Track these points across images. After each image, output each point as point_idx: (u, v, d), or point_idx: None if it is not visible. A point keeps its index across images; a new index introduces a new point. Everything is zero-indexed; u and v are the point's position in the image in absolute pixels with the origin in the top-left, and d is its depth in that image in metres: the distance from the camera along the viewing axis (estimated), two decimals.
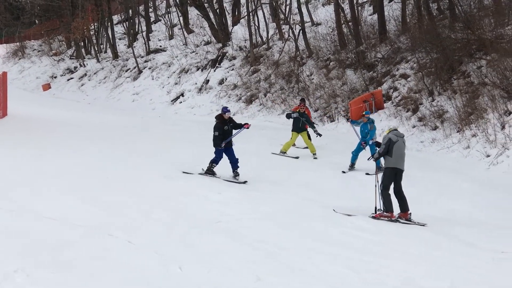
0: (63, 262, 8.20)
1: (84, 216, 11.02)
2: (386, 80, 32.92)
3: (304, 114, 23.71)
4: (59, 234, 9.53)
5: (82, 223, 10.38)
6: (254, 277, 8.88)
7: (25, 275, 7.69)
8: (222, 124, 18.30)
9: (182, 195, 14.87)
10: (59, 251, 8.62)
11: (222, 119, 18.47)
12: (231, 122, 18.62)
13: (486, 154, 23.75)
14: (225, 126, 18.30)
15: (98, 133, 24.82)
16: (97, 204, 12.24)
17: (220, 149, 18.12)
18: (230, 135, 18.40)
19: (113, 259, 8.69)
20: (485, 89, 27.05)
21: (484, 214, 16.97)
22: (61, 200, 12.17)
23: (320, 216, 14.69)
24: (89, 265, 8.25)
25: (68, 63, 53.69)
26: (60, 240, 9.17)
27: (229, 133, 18.37)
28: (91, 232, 9.93)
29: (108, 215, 11.44)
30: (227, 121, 18.47)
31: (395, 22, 36.79)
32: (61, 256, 8.43)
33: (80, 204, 12.01)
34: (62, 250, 8.70)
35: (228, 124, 18.44)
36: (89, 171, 16.35)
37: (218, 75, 42.06)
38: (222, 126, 18.23)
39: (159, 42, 50.94)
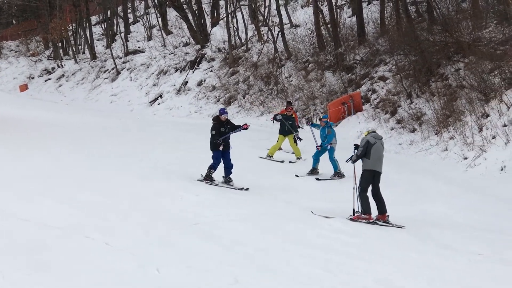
0: (40, 264, 8.12)
1: (60, 217, 10.93)
2: (364, 82, 33.02)
3: (291, 118, 23.53)
4: (35, 236, 9.45)
5: (58, 225, 10.30)
6: (232, 279, 8.85)
7: (1, 277, 7.61)
8: (219, 125, 18.21)
9: (159, 197, 14.80)
10: (35, 253, 8.55)
11: (219, 120, 18.37)
12: (228, 124, 18.49)
13: (464, 156, 23.86)
14: (222, 128, 18.15)
15: (75, 134, 24.68)
16: (74, 206, 12.16)
17: (218, 152, 17.98)
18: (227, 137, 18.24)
19: (90, 261, 8.63)
20: (463, 91, 27.21)
21: (461, 216, 17.03)
22: (37, 202, 12.08)
23: (298, 218, 14.67)
24: (66, 266, 8.18)
25: (46, 64, 53.40)
26: (36, 242, 9.09)
27: (225, 133, 18.19)
28: (68, 233, 9.86)
29: (85, 217, 11.37)
30: (224, 123, 18.33)
31: (373, 24, 36.95)
32: (37, 258, 8.36)
33: (57, 206, 11.92)
34: (38, 251, 8.63)
35: (225, 126, 18.31)
36: (66, 172, 16.24)
37: (197, 76, 42.03)
38: (219, 127, 18.13)
39: (137, 43, 50.83)
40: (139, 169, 18.11)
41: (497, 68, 26.69)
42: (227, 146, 18.26)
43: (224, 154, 18.17)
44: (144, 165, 19.12)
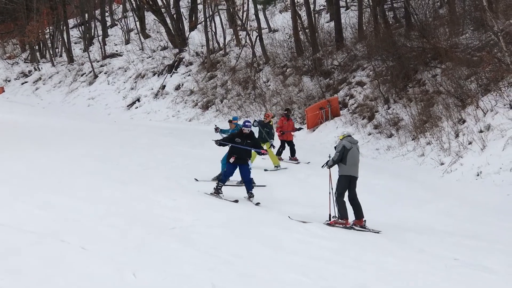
0: (13, 269, 8.05)
1: (35, 221, 10.85)
2: (342, 87, 33.13)
3: (268, 125, 23.40)
4: (9, 240, 9.37)
5: (33, 229, 10.22)
6: (209, 284, 8.82)
7: None
8: (237, 136, 17.20)
9: (136, 201, 14.72)
10: (9, 258, 8.47)
11: (241, 132, 17.23)
12: (249, 139, 17.19)
13: (440, 162, 24.00)
14: (237, 139, 17.02)
15: (51, 138, 24.57)
16: (49, 210, 12.08)
17: (230, 165, 16.95)
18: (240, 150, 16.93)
19: (65, 265, 8.56)
20: (440, 97, 27.38)
21: (437, 221, 17.10)
22: (11, 206, 11.98)
23: (275, 223, 14.66)
24: (40, 271, 8.11)
25: (23, 67, 53.12)
26: (10, 246, 9.01)
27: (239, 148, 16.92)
28: (43, 238, 9.78)
29: (61, 221, 11.29)
30: (244, 136, 17.11)
31: (351, 29, 37.09)
32: (11, 262, 8.28)
33: (31, 209, 11.83)
34: (11, 256, 8.55)
35: (244, 140, 17.06)
36: (41, 176, 16.14)
37: (175, 80, 42.01)
38: (234, 137, 17.15)
39: (115, 46, 50.70)
40: (115, 173, 18.03)
41: (473, 74, 26.88)
42: (243, 159, 17.03)
43: (240, 168, 17.09)
44: (121, 169, 19.04)
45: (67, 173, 17.25)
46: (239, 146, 16.93)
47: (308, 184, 20.36)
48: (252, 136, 17.35)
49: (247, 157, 17.23)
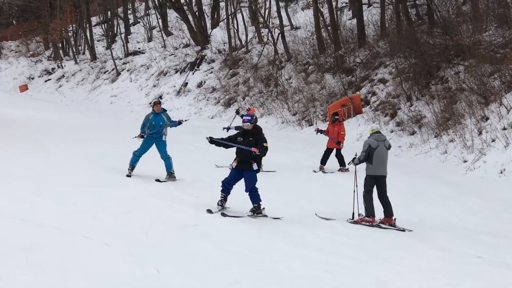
0: (38, 265, 8.10)
1: (58, 217, 10.92)
2: (364, 84, 33.04)
3: None
4: (33, 236, 9.42)
5: (56, 225, 10.28)
6: (231, 279, 8.84)
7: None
8: (238, 133, 14.71)
9: (158, 198, 14.77)
10: (33, 253, 8.52)
11: (242, 129, 14.66)
12: (251, 136, 14.36)
13: (463, 159, 23.88)
14: (239, 138, 14.34)
15: (73, 135, 24.68)
16: (71, 206, 12.14)
17: (233, 172, 14.35)
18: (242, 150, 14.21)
19: (88, 261, 8.61)
20: (463, 94, 27.23)
21: (460, 219, 17.02)
22: (34, 202, 12.05)
23: (297, 220, 14.65)
24: (63, 267, 8.16)
25: (46, 64, 53.42)
26: (33, 242, 9.06)
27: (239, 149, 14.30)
28: (66, 234, 9.84)
29: (83, 217, 11.35)
30: (245, 132, 14.46)
31: (374, 27, 36.98)
32: (35, 258, 8.33)
33: (52, 205, 11.90)
34: (34, 252, 8.61)
35: (246, 138, 14.33)
36: (63, 172, 16.22)
37: (197, 78, 42.06)
38: (236, 136, 14.52)
39: (137, 44, 50.86)
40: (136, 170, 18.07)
41: (497, 71, 26.72)
42: (245, 163, 14.26)
43: (244, 175, 14.32)
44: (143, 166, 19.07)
45: (88, 169, 17.31)
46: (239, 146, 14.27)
47: (330, 181, 20.33)
48: (257, 131, 14.50)
49: (251, 160, 14.21)
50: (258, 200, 14.17)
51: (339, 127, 22.28)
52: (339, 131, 22.11)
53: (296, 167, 22.00)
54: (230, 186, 14.37)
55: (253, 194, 14.18)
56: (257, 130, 14.47)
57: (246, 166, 14.19)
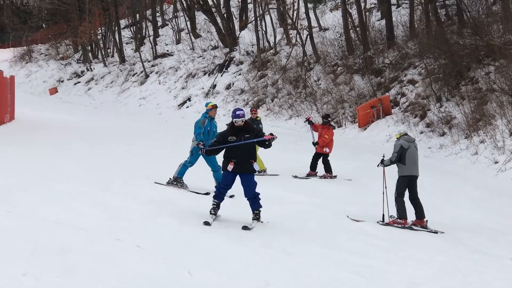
0: (70, 266, 8.15)
1: (90, 220, 10.97)
2: (393, 85, 32.93)
3: (256, 121, 20.59)
4: (66, 238, 9.48)
5: (88, 227, 10.33)
6: (262, 282, 8.83)
7: (33, 279, 7.65)
8: (229, 131, 12.85)
9: (188, 199, 14.81)
10: (66, 255, 8.58)
11: (232, 126, 12.81)
12: (246, 132, 12.70)
13: (494, 160, 23.73)
14: (231, 137, 12.64)
15: (103, 138, 24.81)
16: (102, 208, 12.20)
17: (227, 174, 12.73)
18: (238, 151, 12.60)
19: (120, 263, 8.65)
20: (493, 95, 27.05)
21: (491, 221, 16.91)
22: (66, 204, 12.12)
23: (327, 221, 14.62)
24: (96, 269, 8.21)
25: (75, 67, 53.89)
26: (66, 244, 9.12)
27: (236, 146, 12.60)
28: (98, 236, 9.89)
29: (114, 220, 11.40)
30: (237, 130, 12.72)
31: (403, 27, 36.84)
32: (68, 260, 8.38)
33: (86, 209, 11.96)
34: (68, 254, 8.66)
35: (240, 135, 12.64)
36: (94, 175, 16.30)
37: (225, 80, 42.16)
38: (227, 135, 12.74)
39: (166, 46, 51.10)
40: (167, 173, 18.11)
41: None
42: (246, 168, 12.68)
43: (242, 178, 12.80)
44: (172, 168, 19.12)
45: (118, 172, 17.39)
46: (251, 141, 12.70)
47: (358, 182, 20.26)
48: (250, 127, 12.88)
49: (251, 160, 12.80)
50: (259, 206, 12.92)
51: (326, 131, 21.03)
52: (324, 134, 20.91)
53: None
54: (226, 191, 12.95)
55: (256, 200, 12.88)
56: (250, 125, 12.91)
57: (246, 168, 12.67)
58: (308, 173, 20.84)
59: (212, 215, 12.64)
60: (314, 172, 20.91)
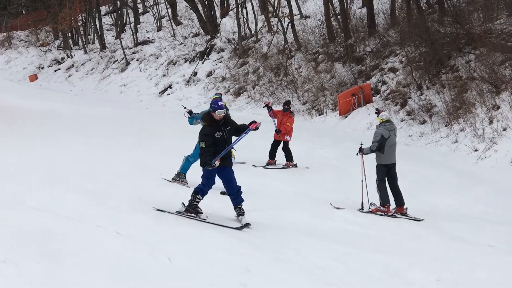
0: (51, 253, 8.12)
1: (71, 206, 10.92)
2: (374, 73, 32.94)
3: None
4: (46, 225, 9.43)
5: (69, 214, 10.29)
6: (243, 268, 8.84)
7: (13, 265, 7.60)
8: (212, 128, 11.81)
9: (168, 187, 14.79)
10: (45, 242, 8.54)
11: (212, 120, 11.88)
12: (227, 125, 11.96)
13: (474, 148, 23.84)
14: (217, 132, 11.74)
15: (84, 125, 24.71)
16: (83, 195, 12.15)
17: (210, 170, 11.77)
18: (225, 146, 11.83)
19: (101, 250, 8.63)
20: (474, 83, 27.14)
21: (471, 208, 17.04)
22: (46, 191, 12.06)
23: (308, 209, 14.67)
24: (78, 255, 8.18)
25: (56, 54, 53.57)
26: (47, 230, 9.08)
27: (223, 142, 11.80)
28: (79, 223, 9.85)
29: (95, 206, 11.35)
30: (219, 124, 11.86)
31: (384, 15, 36.83)
32: (49, 247, 8.35)
33: (67, 196, 11.90)
34: (48, 240, 8.62)
35: (224, 129, 11.84)
36: (75, 162, 16.21)
37: (206, 67, 42.04)
38: (213, 132, 11.74)
39: (147, 33, 50.89)
40: (148, 160, 18.10)
41: (508, 60, 26.64)
42: (226, 161, 12.00)
43: (222, 172, 12.02)
44: (153, 155, 19.11)
45: (100, 159, 17.32)
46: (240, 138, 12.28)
47: (340, 170, 20.31)
48: (228, 117, 12.21)
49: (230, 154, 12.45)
50: (242, 200, 12.19)
51: (287, 118, 20.38)
52: (286, 121, 20.24)
53: (306, 157, 21.95)
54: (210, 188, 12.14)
55: (240, 193, 12.14)
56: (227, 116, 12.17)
57: (227, 162, 12.04)
58: (268, 162, 20.41)
59: (200, 213, 11.87)
60: (273, 161, 20.46)
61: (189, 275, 8.20)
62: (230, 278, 8.39)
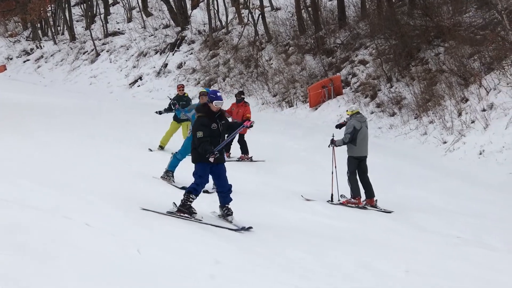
0: (18, 244, 8.05)
1: (39, 198, 10.82)
2: (345, 66, 33.05)
3: (184, 98, 19.80)
4: (13, 216, 9.35)
5: (37, 205, 10.20)
6: (212, 259, 8.83)
7: None
8: (208, 120, 11.30)
9: (138, 178, 14.72)
10: (14, 233, 8.47)
11: (209, 111, 11.38)
12: (222, 119, 11.57)
13: (443, 140, 24.02)
14: (213, 124, 11.26)
15: (54, 116, 24.50)
16: (52, 187, 12.04)
17: (205, 166, 11.30)
18: (220, 140, 11.43)
19: (70, 241, 8.56)
20: (443, 76, 27.34)
21: (440, 200, 17.15)
22: (15, 183, 11.95)
23: (278, 200, 14.68)
24: (46, 247, 8.10)
25: (24, 45, 53.08)
26: (14, 222, 9.00)
27: (218, 135, 11.38)
28: (47, 214, 9.77)
29: (64, 198, 11.26)
30: (216, 116, 11.40)
31: (354, 8, 36.96)
32: (16, 238, 8.28)
33: (35, 187, 11.80)
34: (16, 231, 8.55)
35: (219, 121, 11.40)
36: (44, 153, 16.08)
37: (177, 59, 41.93)
38: (209, 123, 11.25)
39: (117, 25, 50.59)
40: (118, 152, 18.00)
41: (476, 53, 26.83)
42: (220, 157, 11.42)
43: (215, 170, 11.59)
44: (124, 147, 19.01)
45: (69, 150, 17.20)
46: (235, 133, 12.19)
47: (311, 162, 20.35)
48: (223, 113, 11.85)
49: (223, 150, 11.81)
50: (231, 200, 11.83)
51: (244, 109, 19.86)
52: (244, 112, 19.62)
53: (277, 148, 22.00)
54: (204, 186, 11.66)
55: (230, 192, 11.78)
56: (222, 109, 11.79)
57: (220, 158, 11.51)
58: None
59: (194, 213, 11.26)
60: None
61: (158, 266, 8.18)
62: (200, 269, 8.38)
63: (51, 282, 7.03)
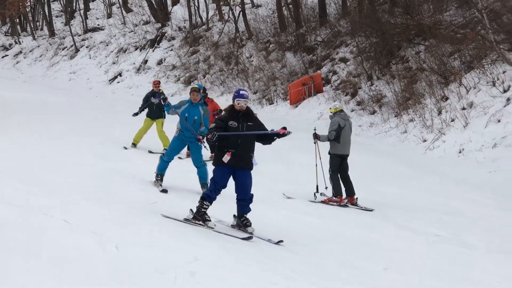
0: None
1: (18, 195, 10.74)
2: (325, 63, 33.08)
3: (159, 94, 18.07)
4: None
5: (16, 203, 10.12)
6: (192, 257, 8.77)
7: None
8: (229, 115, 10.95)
9: (118, 175, 14.63)
10: None
11: (232, 109, 11.00)
12: (249, 119, 11.00)
13: (423, 139, 24.11)
14: (231, 121, 10.80)
15: (33, 112, 24.35)
16: (32, 184, 11.95)
17: (223, 171, 10.80)
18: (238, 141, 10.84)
19: (49, 239, 8.48)
20: (423, 74, 27.43)
21: (419, 198, 17.18)
22: None
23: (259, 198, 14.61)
24: (25, 244, 8.03)
25: (3, 40, 52.81)
26: None
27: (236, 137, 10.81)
28: (26, 211, 9.69)
29: (44, 195, 11.18)
30: (239, 114, 10.91)
31: (335, 5, 37.01)
32: None
33: (14, 184, 11.71)
34: None
35: (242, 121, 10.89)
36: (24, 150, 15.98)
37: (157, 55, 41.84)
38: (227, 119, 10.83)
39: (97, 20, 50.43)
40: (98, 149, 17.89)
41: (457, 52, 26.95)
42: (245, 162, 10.98)
43: (239, 175, 10.99)
44: (103, 144, 18.89)
45: (49, 148, 17.08)
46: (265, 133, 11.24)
47: (291, 160, 20.31)
48: (252, 113, 11.31)
49: (251, 153, 11.13)
50: (250, 210, 11.18)
51: (212, 104, 19.03)
52: (217, 107, 19.29)
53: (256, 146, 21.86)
54: (220, 191, 11.04)
55: (251, 202, 11.15)
56: (252, 111, 11.35)
57: (245, 162, 10.96)
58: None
59: (208, 221, 10.85)
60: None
61: (137, 263, 8.11)
62: (179, 266, 8.31)
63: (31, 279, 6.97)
